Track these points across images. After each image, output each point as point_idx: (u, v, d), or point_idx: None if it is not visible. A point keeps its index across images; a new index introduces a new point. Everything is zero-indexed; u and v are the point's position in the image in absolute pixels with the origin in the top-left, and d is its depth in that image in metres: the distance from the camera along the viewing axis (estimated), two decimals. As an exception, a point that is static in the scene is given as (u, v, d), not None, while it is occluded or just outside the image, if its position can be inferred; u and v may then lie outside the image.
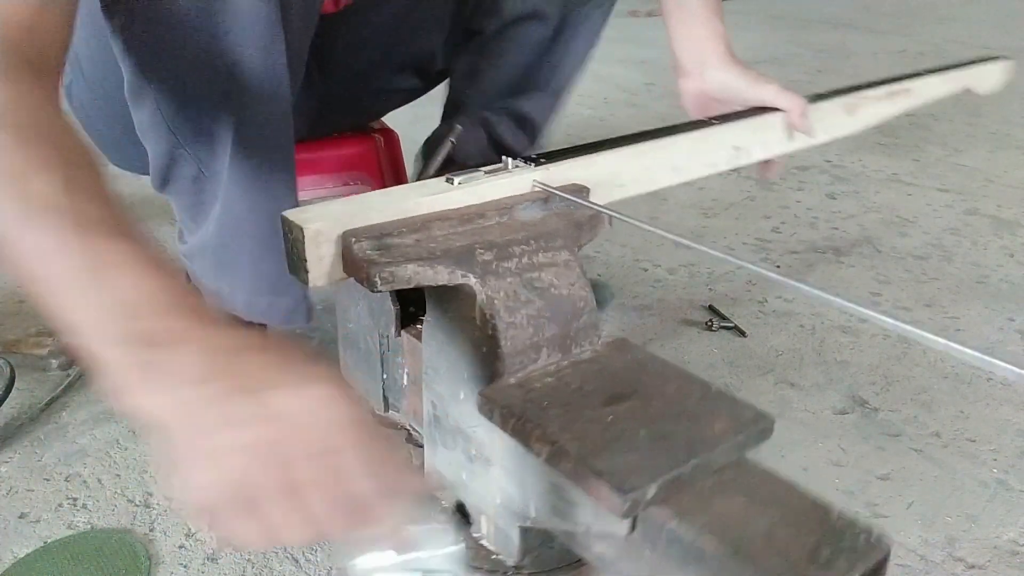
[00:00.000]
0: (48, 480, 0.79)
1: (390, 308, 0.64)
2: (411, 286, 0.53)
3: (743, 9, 3.84)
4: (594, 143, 0.68)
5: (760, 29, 3.43)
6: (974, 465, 0.83)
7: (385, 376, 0.69)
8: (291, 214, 0.54)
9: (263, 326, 0.85)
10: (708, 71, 0.80)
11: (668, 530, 0.43)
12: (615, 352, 0.54)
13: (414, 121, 1.18)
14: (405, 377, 0.66)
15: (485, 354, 0.53)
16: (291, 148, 0.71)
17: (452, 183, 0.59)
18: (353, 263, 0.53)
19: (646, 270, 1.26)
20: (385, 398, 0.69)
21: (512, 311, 0.52)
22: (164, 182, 0.74)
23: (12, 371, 0.88)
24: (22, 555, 0.69)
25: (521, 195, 0.61)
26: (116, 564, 0.69)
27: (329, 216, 0.54)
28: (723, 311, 1.11)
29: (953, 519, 0.75)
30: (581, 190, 0.62)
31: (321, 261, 0.54)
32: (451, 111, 1.04)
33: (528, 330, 0.53)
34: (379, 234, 0.54)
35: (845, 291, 1.19)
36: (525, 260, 0.55)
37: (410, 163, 1.13)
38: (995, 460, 0.83)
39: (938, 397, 0.94)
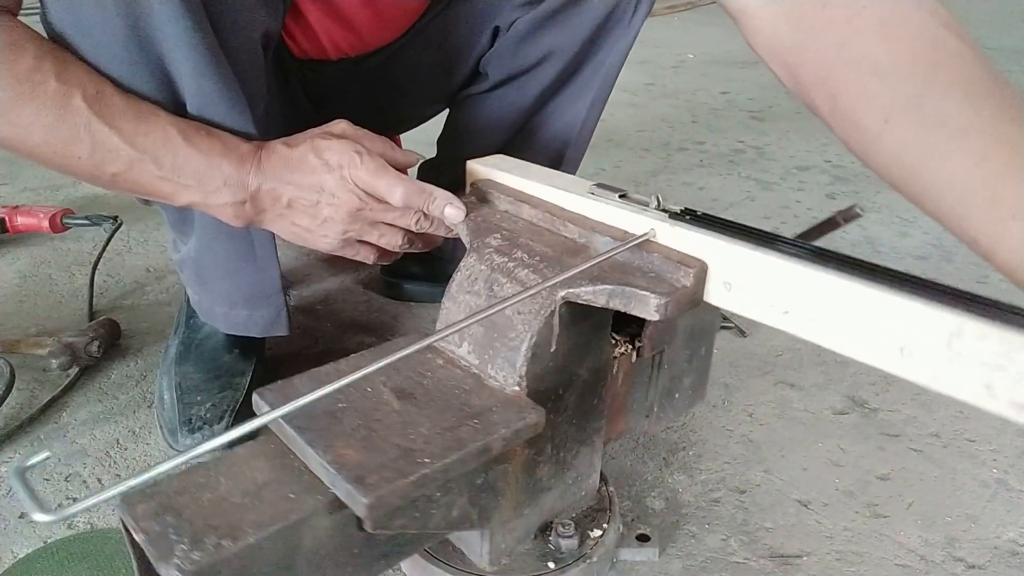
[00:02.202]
0: (48, 480, 0.79)
1: None
2: (454, 230, 0.65)
3: (743, 9, 3.84)
4: (807, 249, 0.51)
5: (760, 29, 3.43)
6: (974, 465, 0.83)
7: None
8: (479, 160, 0.70)
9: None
10: None
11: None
12: (502, 399, 0.52)
13: (414, 121, 1.18)
14: None
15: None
16: None
17: (585, 193, 0.61)
18: None
19: (646, 270, 1.25)
20: None
21: (461, 288, 0.58)
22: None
23: (12, 371, 0.88)
24: (22, 555, 0.69)
25: (628, 232, 0.57)
26: (116, 564, 0.69)
27: (492, 170, 0.68)
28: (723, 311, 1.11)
29: (953, 519, 0.75)
30: (688, 264, 0.53)
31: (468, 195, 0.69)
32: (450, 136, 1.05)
33: (459, 314, 0.58)
34: (490, 191, 0.66)
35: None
36: (511, 265, 0.57)
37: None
38: (995, 460, 0.83)
39: (938, 397, 0.92)
